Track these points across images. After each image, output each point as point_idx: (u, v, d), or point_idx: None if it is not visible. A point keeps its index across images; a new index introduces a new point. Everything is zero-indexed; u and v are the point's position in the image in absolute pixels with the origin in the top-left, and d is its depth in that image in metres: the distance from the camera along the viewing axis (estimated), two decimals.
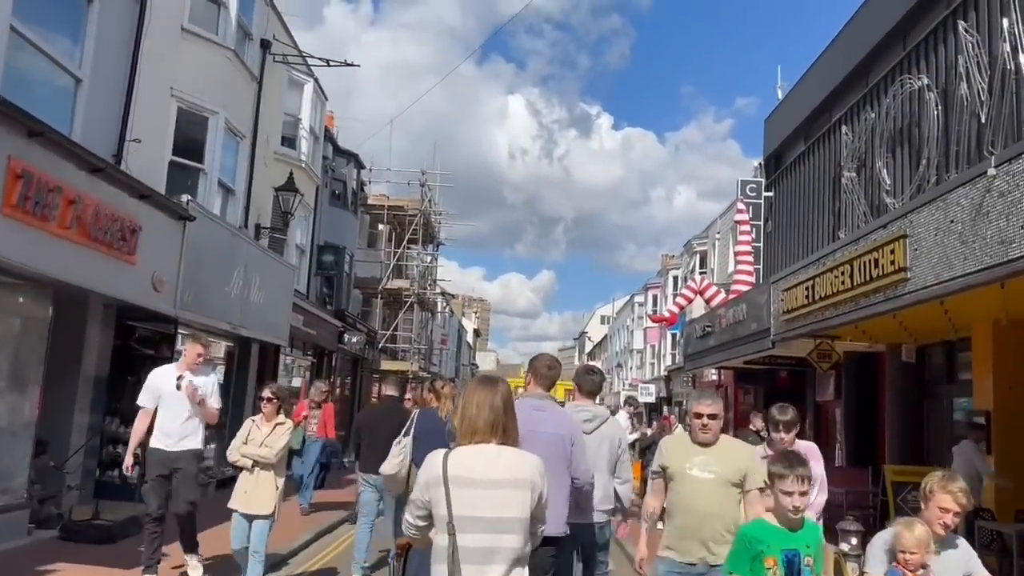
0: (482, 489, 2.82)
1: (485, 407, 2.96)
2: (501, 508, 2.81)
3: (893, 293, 9.41)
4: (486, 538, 2.78)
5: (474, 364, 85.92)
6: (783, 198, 20.67)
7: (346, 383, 22.33)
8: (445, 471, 2.83)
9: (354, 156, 21.75)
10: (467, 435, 2.95)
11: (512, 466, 2.90)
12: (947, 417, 13.00)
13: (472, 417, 2.95)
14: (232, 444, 6.71)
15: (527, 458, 2.96)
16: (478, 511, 2.79)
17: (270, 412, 6.73)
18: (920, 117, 13.26)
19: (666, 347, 34.20)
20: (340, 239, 20.63)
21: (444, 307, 45.20)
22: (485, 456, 2.89)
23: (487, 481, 2.83)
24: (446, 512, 2.80)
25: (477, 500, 2.80)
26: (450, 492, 2.80)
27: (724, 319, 17.19)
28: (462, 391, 3.20)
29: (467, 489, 2.81)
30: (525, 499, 2.85)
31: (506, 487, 2.84)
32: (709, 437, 4.54)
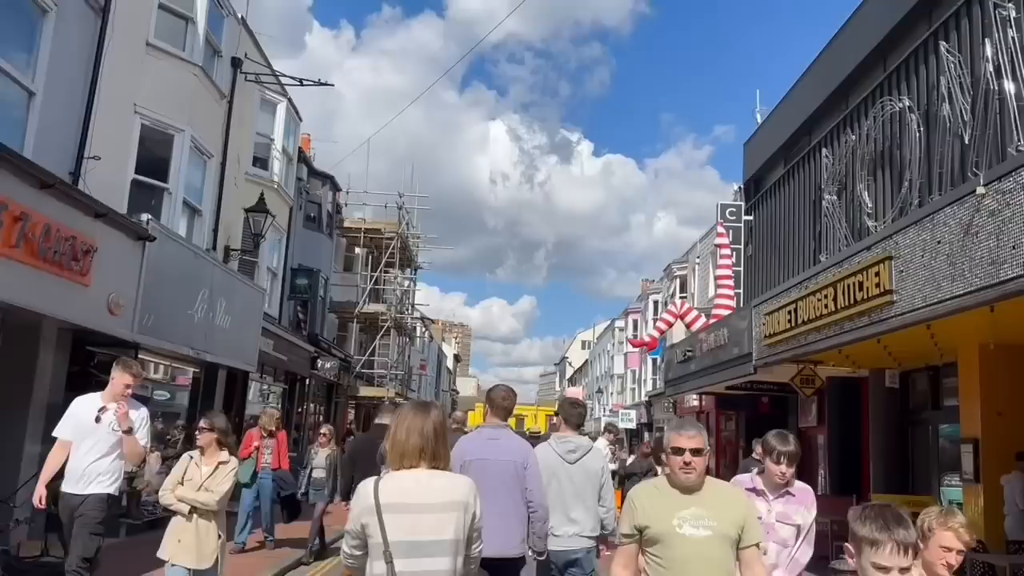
0: (416, 513, 2.84)
1: (415, 432, 2.98)
2: (436, 531, 2.85)
3: (878, 316, 9.14)
4: (423, 562, 2.81)
5: (454, 389, 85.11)
6: (763, 222, 20.52)
7: (320, 410, 21.77)
8: (377, 498, 2.85)
9: (329, 178, 21.37)
10: (396, 459, 2.97)
11: (445, 489, 2.93)
12: (932, 444, 12.71)
13: (401, 442, 2.96)
14: (165, 482, 5.65)
15: (459, 480, 3.02)
16: (413, 535, 2.82)
17: (206, 444, 5.70)
18: (902, 139, 13.13)
19: (647, 372, 33.88)
20: (315, 262, 20.18)
21: (423, 332, 44.69)
22: (417, 481, 2.91)
23: (420, 505, 2.86)
24: (381, 540, 2.81)
25: (412, 525, 2.82)
26: (383, 519, 2.82)
27: (705, 344, 16.90)
28: (398, 416, 3.15)
29: (401, 515, 2.83)
30: (459, 521, 2.89)
31: (440, 510, 2.87)
32: (694, 480, 3.41)
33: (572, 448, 5.30)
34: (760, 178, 21.26)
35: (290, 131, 17.57)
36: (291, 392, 18.33)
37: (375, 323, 24.29)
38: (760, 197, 20.87)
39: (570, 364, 78.68)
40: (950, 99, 11.43)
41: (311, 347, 18.81)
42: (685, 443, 3.42)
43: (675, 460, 3.46)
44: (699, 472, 3.44)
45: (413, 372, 40.20)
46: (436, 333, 66.02)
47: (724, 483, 4.00)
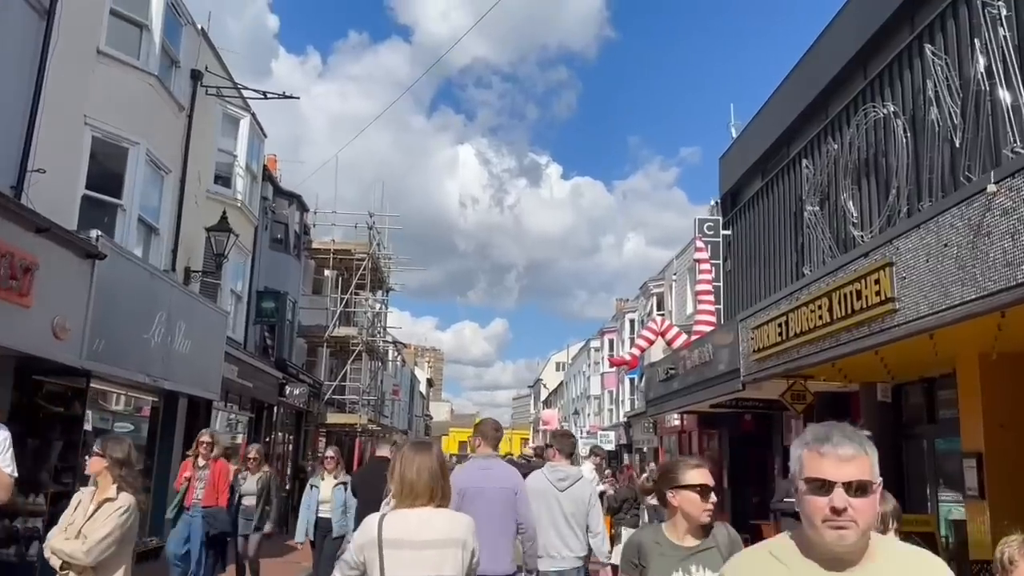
0: (417, 550, 2.92)
1: (425, 472, 3.06)
2: (436, 567, 2.92)
3: (880, 326, 8.67)
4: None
5: (428, 415, 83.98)
6: (742, 236, 20.18)
7: (288, 439, 20.89)
8: (380, 534, 2.93)
9: (296, 197, 20.67)
10: (408, 498, 3.04)
11: (445, 527, 3.02)
12: (928, 459, 12.27)
13: (413, 481, 3.04)
14: (52, 530, 4.46)
15: (459, 518, 3.12)
16: (413, 571, 2.89)
17: (95, 472, 4.42)
18: (887, 146, 12.81)
19: (624, 392, 33.35)
20: (282, 284, 19.43)
21: (395, 356, 43.84)
22: (419, 518, 3.00)
23: (422, 542, 2.94)
24: (379, 574, 2.88)
25: (412, 561, 2.90)
26: (383, 554, 2.89)
27: (688, 361, 16.40)
28: (398, 455, 3.22)
29: (402, 551, 2.91)
30: (458, 558, 2.97)
31: (440, 547, 2.95)
32: (851, 542, 2.06)
33: (563, 477, 5.78)
34: (737, 192, 20.95)
35: (254, 148, 16.90)
36: (258, 421, 17.49)
37: (346, 347, 23.49)
38: (738, 211, 20.54)
39: (545, 386, 78.01)
40: (938, 103, 11.11)
41: (279, 373, 18.00)
42: (834, 471, 1.88)
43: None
44: (862, 526, 1.88)
45: (386, 398, 39.32)
46: (408, 357, 65.08)
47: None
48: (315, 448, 23.42)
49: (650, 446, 27.04)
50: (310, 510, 8.97)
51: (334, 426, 23.58)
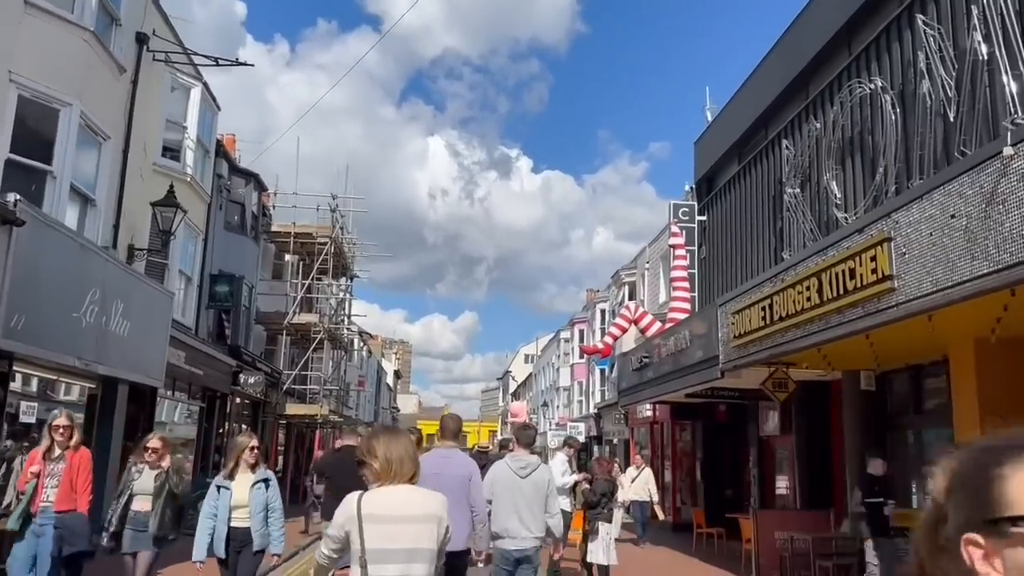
0: (395, 524, 3.15)
1: (411, 451, 3.34)
2: (414, 540, 3.17)
3: (875, 306, 8.06)
4: (398, 568, 3.11)
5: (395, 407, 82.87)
6: (717, 222, 19.61)
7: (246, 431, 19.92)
8: (359, 510, 3.16)
9: (254, 176, 19.61)
10: (396, 477, 3.25)
11: (423, 503, 3.26)
12: (914, 451, 11.77)
13: (400, 459, 3.27)
14: None
15: (435, 496, 3.34)
16: (391, 544, 3.12)
17: None
18: (874, 123, 12.24)
19: (595, 383, 32.73)
20: (237, 268, 18.42)
21: (361, 346, 42.84)
22: (397, 495, 3.23)
23: (400, 517, 3.18)
24: (360, 546, 3.11)
25: (389, 534, 3.13)
26: (363, 528, 3.11)
27: (663, 349, 15.75)
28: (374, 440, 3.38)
29: (381, 525, 3.13)
30: (433, 532, 3.22)
31: (418, 522, 3.19)
32: None
33: (524, 465, 6.44)
34: (713, 177, 20.37)
35: (206, 120, 15.90)
36: (210, 411, 16.52)
37: (307, 335, 22.50)
38: (713, 196, 19.96)
39: (513, 378, 77.37)
40: (930, 76, 10.54)
41: (232, 361, 17.01)
42: None
43: None
44: None
45: (350, 389, 38.31)
46: (376, 349, 63.99)
47: None
48: (275, 440, 22.44)
49: (621, 438, 26.44)
50: (216, 519, 6.48)
51: (294, 417, 22.59)
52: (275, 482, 6.91)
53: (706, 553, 14.87)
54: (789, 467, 15.91)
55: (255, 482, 6.71)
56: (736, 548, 14.55)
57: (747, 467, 18.26)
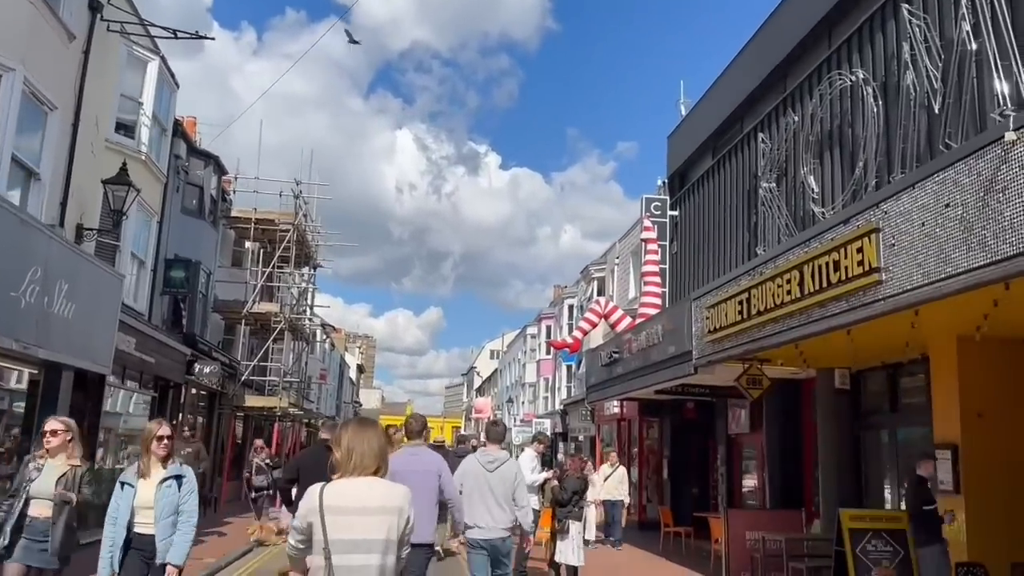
0: (356, 515, 3.22)
1: (375, 444, 3.38)
2: (373, 531, 3.22)
3: (860, 300, 7.75)
4: (358, 557, 3.17)
5: (357, 402, 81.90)
6: (690, 217, 19.35)
7: (200, 423, 19.22)
8: (321, 502, 3.22)
9: (213, 159, 18.84)
10: (358, 469, 3.32)
11: (384, 495, 3.32)
12: (889, 451, 11.55)
13: (363, 453, 3.33)
14: None
15: (397, 488, 3.40)
16: (351, 534, 3.18)
17: None
18: (854, 116, 12.00)
19: (561, 379, 32.39)
20: (194, 253, 17.70)
21: (324, 339, 42.07)
22: (359, 487, 3.29)
23: (361, 508, 3.23)
24: (322, 537, 3.18)
25: (351, 525, 3.19)
26: (325, 520, 3.18)
27: (634, 344, 15.43)
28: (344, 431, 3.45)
29: (342, 516, 3.20)
30: (394, 523, 3.28)
31: (379, 513, 3.26)
32: None
33: (492, 460, 6.79)
34: (686, 171, 20.10)
35: (164, 96, 15.19)
36: (162, 401, 15.81)
37: (267, 325, 21.79)
38: (686, 191, 19.70)
39: (478, 374, 76.88)
40: (915, 67, 10.29)
41: (187, 349, 16.29)
42: None
43: None
44: None
45: (312, 382, 37.56)
46: (339, 342, 63.07)
47: None
48: (232, 433, 21.71)
49: (587, 435, 26.14)
50: (118, 525, 5.30)
51: (252, 409, 21.88)
52: (191, 480, 5.54)
53: (674, 553, 14.58)
54: (758, 466, 15.69)
55: (164, 479, 5.37)
56: (705, 548, 14.28)
57: (714, 465, 18.05)
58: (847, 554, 8.93)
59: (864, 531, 9.07)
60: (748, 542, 11.82)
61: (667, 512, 16.25)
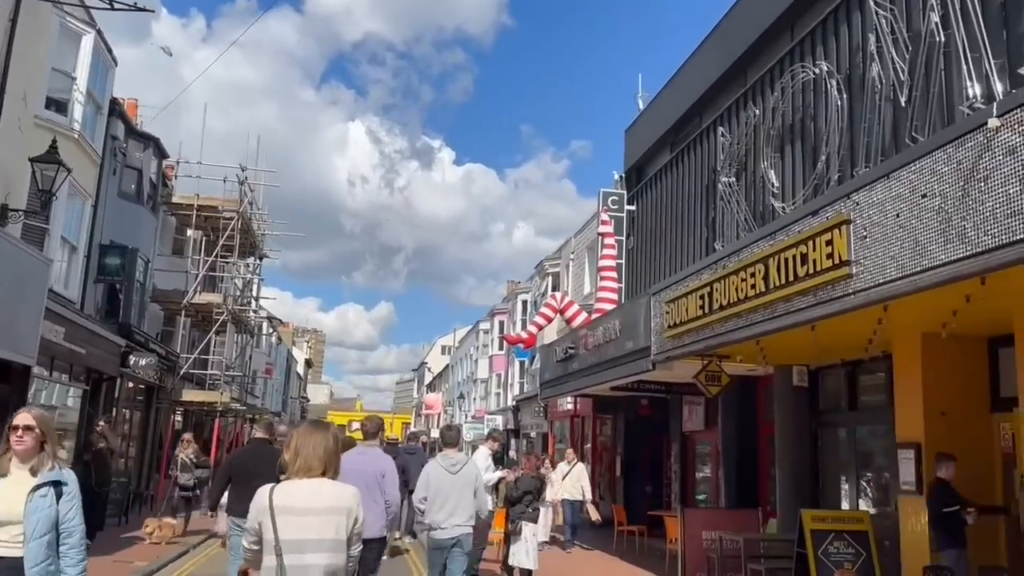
0: (305, 516, 3.28)
1: (320, 447, 3.42)
2: (322, 531, 3.29)
3: (829, 294, 7.48)
4: (308, 556, 3.24)
5: (304, 397, 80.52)
6: (647, 212, 19.12)
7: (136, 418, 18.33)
8: (271, 502, 3.29)
9: (153, 140, 17.92)
10: (302, 471, 3.39)
11: (332, 496, 3.39)
12: (847, 449, 11.39)
13: (308, 455, 3.39)
14: None
15: (346, 489, 3.48)
16: (301, 534, 3.24)
17: None
18: (817, 109, 11.83)
19: (514, 376, 32.01)
20: (132, 239, 16.82)
21: (270, 332, 41.03)
22: (308, 488, 3.35)
23: (309, 509, 3.30)
24: (273, 536, 3.25)
25: (301, 525, 3.25)
26: (276, 520, 3.25)
27: (590, 339, 15.10)
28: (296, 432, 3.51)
29: (291, 516, 3.26)
30: (342, 523, 3.36)
31: (326, 513, 3.33)
32: None
33: (454, 463, 7.11)
34: (643, 166, 19.86)
35: (99, 73, 14.34)
36: (95, 394, 14.95)
37: (209, 317, 20.92)
38: (644, 186, 19.46)
39: (429, 370, 76.15)
40: (881, 59, 10.12)
41: (122, 340, 15.42)
42: None
43: None
44: None
45: (257, 376, 36.54)
46: (287, 336, 61.78)
47: None
48: (170, 428, 20.78)
49: (539, 431, 25.80)
50: None
51: (192, 404, 20.98)
52: (73, 487, 4.05)
53: (628, 552, 14.30)
54: (713, 463, 15.52)
55: (37, 487, 3.92)
56: (659, 547, 14.02)
57: (668, 463, 17.85)
58: (809, 556, 8.72)
59: (826, 532, 8.88)
60: (705, 542, 11.58)
61: (620, 510, 15.96)
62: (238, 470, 7.48)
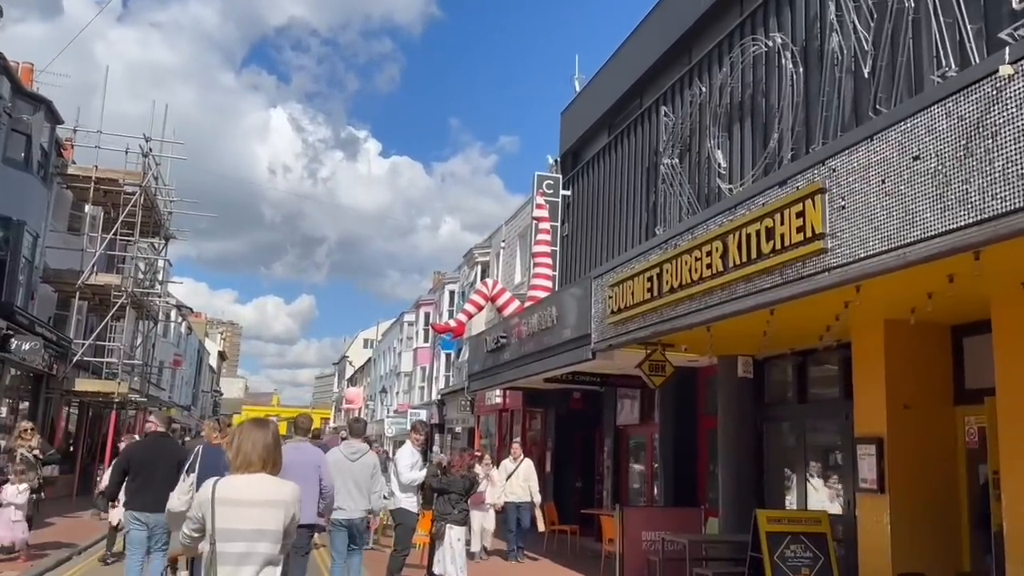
0: (244, 508, 3.47)
1: (260, 444, 3.61)
2: (259, 522, 3.47)
3: (798, 271, 6.73)
4: (242, 545, 3.43)
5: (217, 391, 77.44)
6: (583, 197, 18.34)
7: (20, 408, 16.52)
8: (213, 494, 3.50)
9: (45, 103, 16.11)
10: (243, 467, 3.58)
11: (271, 490, 3.56)
12: (794, 444, 10.80)
13: (248, 452, 3.58)
14: None
15: (285, 484, 3.64)
16: (239, 524, 3.45)
17: None
18: (769, 85, 11.19)
19: (439, 369, 30.88)
20: (18, 211, 15.08)
21: (179, 321, 38.79)
22: (249, 483, 3.55)
23: (249, 501, 3.49)
24: (210, 526, 3.46)
25: (239, 516, 3.45)
26: (215, 511, 3.46)
27: (524, 328, 14.20)
28: (238, 430, 3.79)
29: (231, 508, 3.46)
30: (279, 516, 3.52)
31: (264, 506, 3.50)
32: None
33: (354, 451, 8.05)
34: (579, 150, 19.09)
35: None
36: None
37: (107, 300, 19.12)
38: (580, 170, 18.69)
39: (351, 364, 74.16)
40: (842, 29, 9.50)
41: (1, 321, 13.74)
42: None
43: None
44: None
45: (164, 367, 34.39)
46: (199, 327, 59.04)
47: None
48: (59, 420, 18.91)
49: (465, 426, 24.80)
50: None
51: (86, 395, 19.15)
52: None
53: (560, 554, 13.47)
54: (648, 459, 14.84)
55: None
56: (593, 548, 13.25)
57: (600, 458, 17.12)
58: (765, 560, 8.00)
59: (783, 535, 8.19)
60: (644, 543, 10.84)
61: (551, 508, 15.09)
62: (135, 463, 7.64)
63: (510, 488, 13.08)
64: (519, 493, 13.10)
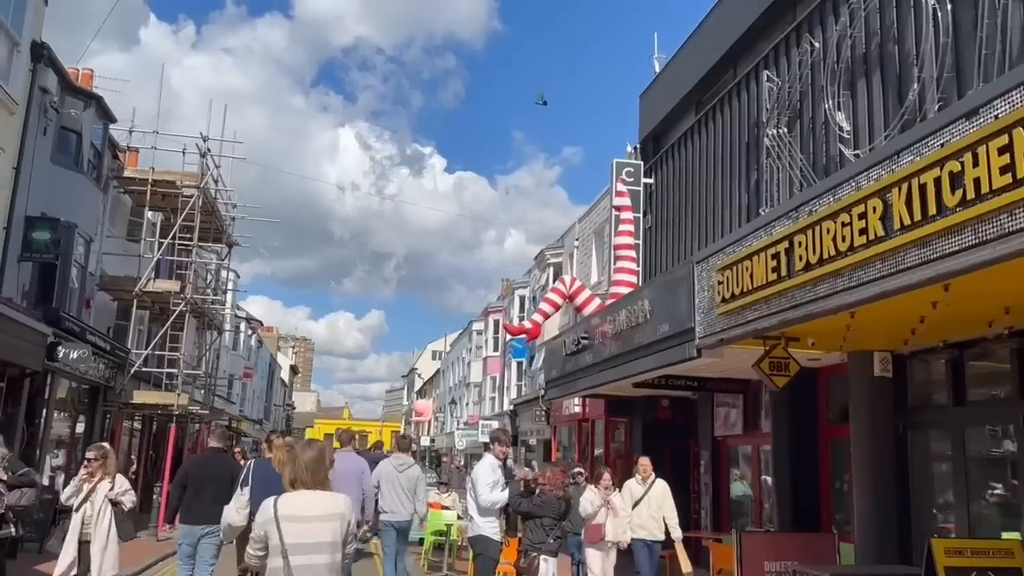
0: (305, 523, 3.81)
1: (312, 463, 3.98)
2: (320, 535, 3.84)
3: (1006, 225, 5.05)
4: (310, 557, 3.76)
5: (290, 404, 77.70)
6: (666, 186, 16.70)
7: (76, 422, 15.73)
8: (276, 511, 3.81)
9: (95, 99, 15.38)
10: (299, 483, 3.96)
11: (327, 504, 3.96)
12: (950, 456, 8.92)
13: (300, 471, 3.97)
14: None
15: (339, 498, 4.07)
16: (303, 538, 3.77)
17: None
18: (902, 30, 9.42)
19: (510, 378, 29.44)
20: (70, 214, 14.28)
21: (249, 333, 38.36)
22: (306, 499, 3.92)
23: (309, 516, 3.84)
24: (279, 541, 3.76)
25: (303, 531, 3.78)
26: (281, 527, 3.76)
27: (609, 326, 12.63)
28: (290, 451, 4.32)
29: (294, 523, 3.79)
30: (337, 527, 3.91)
31: (323, 520, 3.86)
32: None
33: (401, 463, 9.51)
34: (662, 133, 17.46)
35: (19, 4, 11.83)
36: (12, 392, 12.35)
37: (166, 308, 18.31)
38: (662, 156, 17.06)
39: (420, 376, 73.46)
40: None
41: (47, 328, 12.81)
42: None
43: None
44: None
45: (233, 379, 33.86)
46: (270, 341, 59.12)
47: None
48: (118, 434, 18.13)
49: (540, 438, 23.26)
50: None
51: (143, 407, 18.31)
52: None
53: None
54: (754, 474, 13.06)
55: None
56: None
57: (696, 473, 15.34)
58: None
59: (966, 570, 6.41)
60: (768, 575, 9.13)
61: None
62: (192, 479, 8.03)
63: (638, 519, 10.12)
64: (650, 527, 10.08)
